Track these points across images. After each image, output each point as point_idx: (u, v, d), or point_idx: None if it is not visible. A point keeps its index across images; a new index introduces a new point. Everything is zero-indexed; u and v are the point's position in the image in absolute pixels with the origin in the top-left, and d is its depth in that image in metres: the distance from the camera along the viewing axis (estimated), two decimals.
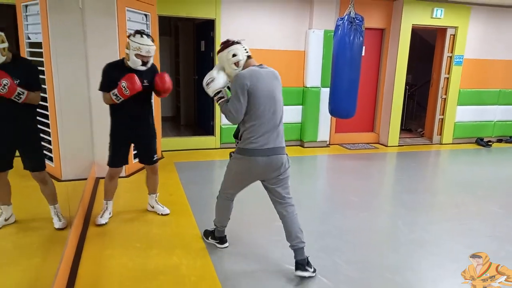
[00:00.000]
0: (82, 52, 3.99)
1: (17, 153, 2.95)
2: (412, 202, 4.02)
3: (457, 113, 6.88)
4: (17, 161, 2.97)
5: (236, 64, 2.48)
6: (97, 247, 2.87)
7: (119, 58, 4.09)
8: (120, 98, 2.90)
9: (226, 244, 2.91)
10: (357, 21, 4.72)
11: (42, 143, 4.46)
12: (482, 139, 7.00)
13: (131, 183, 4.27)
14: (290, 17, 5.91)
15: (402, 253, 2.93)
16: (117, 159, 3.18)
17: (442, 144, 6.94)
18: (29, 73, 2.79)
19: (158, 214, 3.45)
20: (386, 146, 6.59)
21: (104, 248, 2.86)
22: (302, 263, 2.53)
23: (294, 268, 2.55)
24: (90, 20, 3.95)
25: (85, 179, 3.98)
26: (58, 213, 3.13)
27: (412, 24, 6.22)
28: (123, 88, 2.84)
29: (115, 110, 3.08)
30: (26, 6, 4.18)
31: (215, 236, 2.93)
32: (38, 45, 4.09)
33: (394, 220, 3.58)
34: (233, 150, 2.60)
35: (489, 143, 6.94)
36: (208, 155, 5.59)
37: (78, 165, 4.20)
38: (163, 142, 5.55)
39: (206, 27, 6.03)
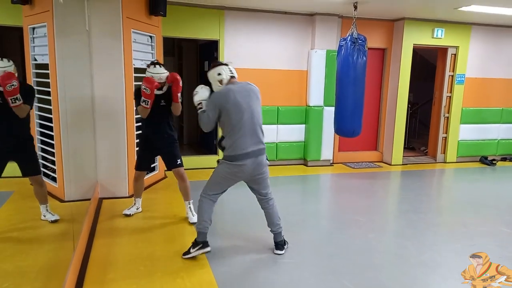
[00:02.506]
0: (88, 73, 4.02)
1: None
2: (420, 222, 3.96)
3: (460, 132, 6.87)
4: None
5: (220, 82, 2.93)
6: (100, 270, 2.81)
7: (123, 77, 4.17)
8: (147, 101, 3.37)
9: (209, 248, 3.00)
10: (359, 41, 4.77)
11: (46, 162, 4.48)
12: (486, 158, 6.96)
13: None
14: (292, 38, 5.99)
15: (413, 276, 2.86)
16: (141, 164, 3.79)
17: (446, 162, 6.90)
18: (27, 91, 3.21)
19: (189, 222, 3.70)
20: (390, 164, 6.56)
21: (106, 271, 2.80)
22: (280, 244, 3.11)
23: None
24: (97, 42, 4.00)
25: (89, 199, 3.94)
26: (49, 210, 3.61)
27: (413, 44, 6.29)
28: (144, 89, 3.34)
29: (143, 127, 3.70)
30: (33, 28, 4.24)
31: (197, 242, 2.99)
32: (45, 66, 4.13)
33: (402, 240, 3.51)
34: (220, 158, 2.98)
35: (494, 162, 6.90)
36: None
37: (82, 186, 4.17)
38: None
39: (210, 48, 6.11)
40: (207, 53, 6.47)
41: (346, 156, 6.61)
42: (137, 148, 3.82)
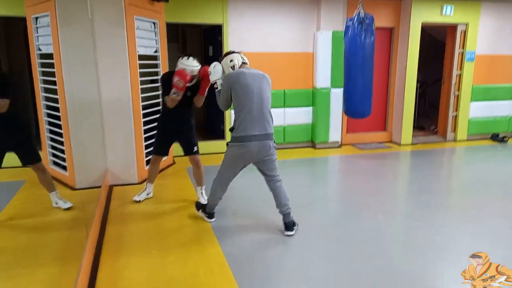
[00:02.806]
0: (92, 61, 4.02)
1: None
2: (430, 203, 3.94)
3: (471, 109, 6.77)
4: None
5: (232, 68, 3.08)
6: (114, 254, 2.87)
7: (128, 64, 4.16)
8: (179, 93, 3.40)
9: (213, 219, 3.40)
10: (367, 21, 4.68)
11: (55, 151, 4.53)
12: (497, 135, 6.86)
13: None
14: (297, 20, 5.89)
15: (423, 257, 2.86)
16: (159, 149, 3.82)
17: (456, 141, 6.83)
18: (1, 84, 3.05)
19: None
20: (399, 144, 6.51)
21: (120, 256, 2.86)
22: (289, 225, 3.16)
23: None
24: (100, 30, 3.98)
25: (99, 187, 4.00)
26: (59, 197, 3.66)
27: (422, 22, 6.14)
28: (178, 83, 3.33)
29: (164, 113, 3.70)
30: (37, 18, 4.23)
31: (206, 211, 3.41)
32: (49, 56, 4.13)
33: (412, 222, 3.51)
34: (229, 141, 3.10)
35: (505, 139, 6.80)
36: (219, 160, 5.54)
37: (92, 174, 4.22)
38: (173, 148, 5.54)
39: (214, 32, 6.04)
40: (211, 38, 6.40)
41: (354, 137, 6.57)
42: (155, 132, 3.88)
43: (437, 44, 8.19)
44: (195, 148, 3.77)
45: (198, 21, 5.58)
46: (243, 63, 3.13)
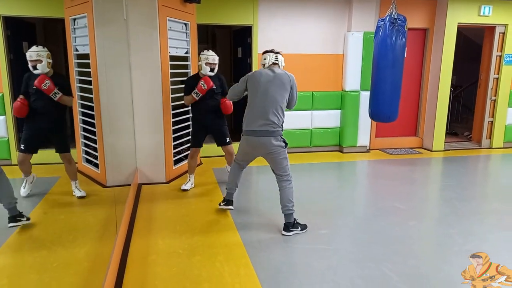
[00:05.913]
0: (126, 60, 4.11)
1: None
2: (464, 210, 3.79)
3: (509, 115, 6.47)
4: None
5: (263, 65, 3.33)
6: (142, 253, 2.91)
7: (159, 65, 4.23)
8: (199, 94, 3.94)
9: (231, 207, 3.60)
10: (399, 21, 4.55)
11: (88, 149, 4.66)
12: None
13: (170, 188, 4.33)
14: (328, 21, 5.82)
15: (457, 265, 2.74)
16: (195, 141, 4.22)
17: (492, 148, 6.54)
18: (64, 82, 3.75)
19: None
20: (431, 150, 6.30)
21: (148, 254, 2.90)
22: (287, 225, 3.20)
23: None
24: (134, 30, 4.07)
25: (129, 185, 4.08)
26: (78, 187, 4.01)
27: (458, 23, 5.94)
28: (202, 85, 3.91)
29: (195, 107, 4.12)
30: (75, 19, 4.38)
31: (224, 199, 3.62)
32: (85, 56, 4.26)
33: (446, 228, 3.37)
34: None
35: None
36: None
37: (122, 172, 4.31)
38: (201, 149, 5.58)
39: (243, 34, 6.06)
40: (240, 39, 6.43)
41: (383, 142, 6.42)
42: (191, 128, 4.33)
43: (473, 46, 7.90)
44: (228, 139, 4.19)
45: (228, 22, 5.61)
46: (273, 63, 3.29)
